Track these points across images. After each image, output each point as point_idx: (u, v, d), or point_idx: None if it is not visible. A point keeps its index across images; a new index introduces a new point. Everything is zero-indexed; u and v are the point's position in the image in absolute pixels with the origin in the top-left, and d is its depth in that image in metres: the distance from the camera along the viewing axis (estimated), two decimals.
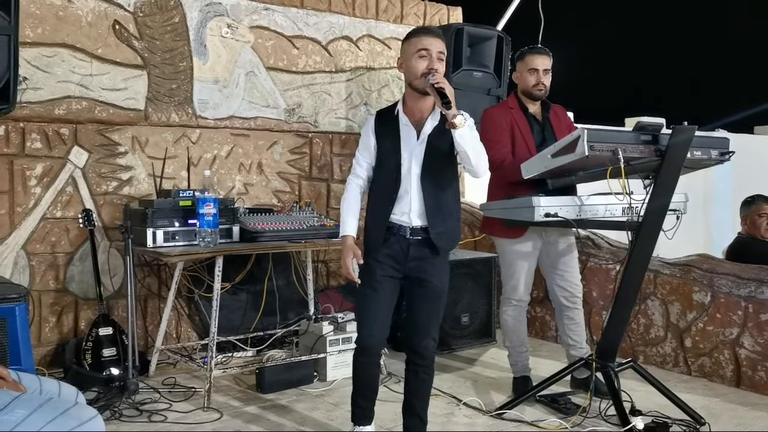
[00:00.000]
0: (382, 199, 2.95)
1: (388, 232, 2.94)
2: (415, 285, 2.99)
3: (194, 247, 3.92)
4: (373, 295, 2.95)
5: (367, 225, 3.02)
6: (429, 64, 2.82)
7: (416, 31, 2.94)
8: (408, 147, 2.91)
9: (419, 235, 2.92)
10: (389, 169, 2.93)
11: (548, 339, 5.21)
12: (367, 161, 3.03)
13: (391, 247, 2.94)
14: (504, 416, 3.61)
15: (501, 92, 5.06)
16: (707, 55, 12.35)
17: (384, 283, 2.95)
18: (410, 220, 2.91)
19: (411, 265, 2.95)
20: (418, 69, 2.83)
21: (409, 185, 2.90)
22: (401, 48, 2.98)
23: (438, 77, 2.78)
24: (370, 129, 3.01)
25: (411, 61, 2.86)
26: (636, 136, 3.26)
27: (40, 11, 4.14)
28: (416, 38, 2.88)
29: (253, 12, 4.92)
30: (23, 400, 2.07)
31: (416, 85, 2.86)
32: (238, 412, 3.67)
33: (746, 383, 4.07)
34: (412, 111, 2.94)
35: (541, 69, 3.81)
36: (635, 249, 3.34)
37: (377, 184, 3.01)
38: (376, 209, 2.97)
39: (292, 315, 4.85)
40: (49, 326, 4.23)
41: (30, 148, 4.16)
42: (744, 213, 4.93)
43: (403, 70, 2.92)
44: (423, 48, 2.83)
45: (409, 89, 2.92)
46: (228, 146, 4.85)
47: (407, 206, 2.91)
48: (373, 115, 3.07)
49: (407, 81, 2.92)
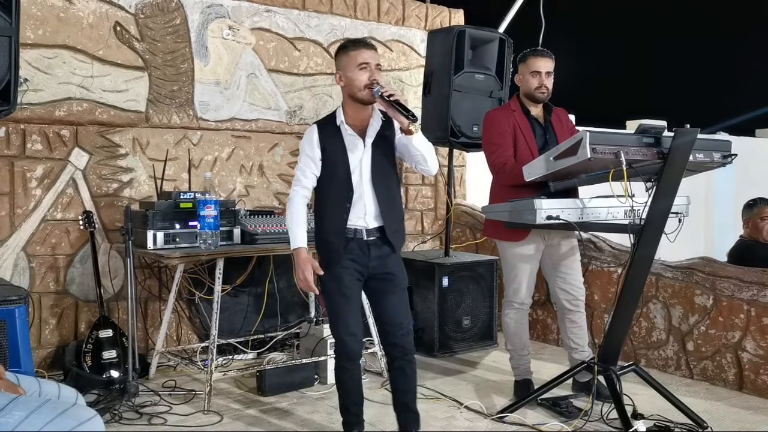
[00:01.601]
0: (336, 207, 3.02)
1: (346, 239, 3.02)
2: (381, 282, 3.09)
3: (195, 249, 3.91)
4: (346, 302, 3.04)
5: (323, 236, 3.07)
6: (370, 75, 2.96)
7: (353, 44, 3.05)
8: (355, 155, 3.03)
9: (375, 235, 3.05)
10: (340, 179, 3.01)
11: (550, 342, 5.20)
12: (313, 172, 3.06)
13: (352, 252, 3.02)
14: (505, 419, 3.60)
15: (503, 95, 5.05)
16: (708, 57, 12.35)
17: (353, 288, 3.05)
18: (366, 223, 3.03)
19: (374, 264, 3.05)
20: (361, 81, 2.96)
21: (362, 191, 3.01)
22: (338, 61, 3.06)
23: (388, 89, 2.94)
24: (314, 141, 3.04)
25: (353, 73, 2.98)
26: (638, 138, 3.24)
27: (41, 13, 4.14)
28: (355, 51, 3.00)
29: (255, 14, 4.92)
30: (21, 402, 2.06)
31: (360, 96, 2.98)
32: (239, 415, 3.66)
33: (749, 387, 4.05)
34: (353, 121, 3.05)
35: (543, 71, 3.80)
36: (637, 252, 3.32)
37: (328, 194, 3.07)
38: (330, 219, 3.04)
39: (293, 317, 4.85)
40: (49, 328, 4.22)
41: (30, 149, 4.15)
42: (746, 216, 4.92)
43: (343, 83, 3.02)
44: (364, 62, 2.97)
45: (349, 100, 3.04)
46: (229, 148, 4.84)
47: (362, 211, 3.02)
48: (311, 127, 3.11)
49: (348, 93, 3.02)
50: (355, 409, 3.14)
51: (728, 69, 12.63)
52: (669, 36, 12.31)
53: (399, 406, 3.14)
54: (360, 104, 3.01)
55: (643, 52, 12.74)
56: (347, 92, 3.03)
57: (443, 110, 4.82)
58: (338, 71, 3.04)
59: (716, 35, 12.25)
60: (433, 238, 5.83)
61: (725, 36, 12.28)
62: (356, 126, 3.05)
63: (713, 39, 12.27)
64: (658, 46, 12.69)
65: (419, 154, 3.02)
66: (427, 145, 3.04)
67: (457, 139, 4.87)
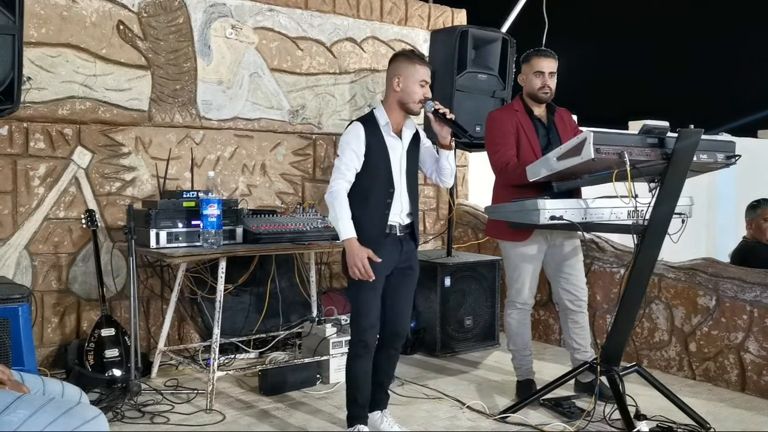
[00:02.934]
0: (379, 203, 3.17)
1: (385, 233, 3.19)
2: (401, 274, 3.28)
3: (197, 249, 3.91)
4: (375, 296, 3.19)
5: (362, 230, 3.13)
6: (425, 92, 3.19)
7: (421, 59, 3.25)
8: (395, 154, 3.21)
9: (406, 231, 3.27)
10: (382, 176, 3.17)
11: (552, 342, 5.20)
12: (355, 167, 3.16)
13: (388, 246, 3.19)
14: (508, 420, 3.60)
15: (505, 95, 5.05)
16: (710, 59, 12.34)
17: (381, 282, 3.20)
18: (401, 219, 3.23)
19: (402, 258, 3.26)
20: (418, 96, 3.18)
21: (400, 189, 3.21)
22: (402, 68, 3.20)
23: (442, 107, 3.21)
24: (361, 137, 3.16)
25: (414, 86, 3.17)
26: (642, 139, 3.24)
27: (44, 11, 4.14)
28: (422, 67, 3.19)
29: (258, 13, 4.92)
30: (25, 400, 2.06)
31: (412, 108, 3.20)
32: (241, 414, 3.66)
33: (751, 388, 4.05)
34: (395, 124, 3.24)
35: (546, 72, 3.80)
36: (640, 252, 3.32)
37: (369, 189, 3.18)
38: (371, 214, 3.16)
39: (295, 317, 4.84)
40: (52, 327, 4.22)
41: (33, 148, 4.15)
42: (749, 217, 4.92)
43: (400, 90, 3.19)
44: (424, 79, 3.18)
45: (396, 106, 3.21)
46: (231, 147, 4.84)
47: (399, 207, 3.22)
48: (355, 124, 3.20)
49: (399, 100, 3.20)
50: (363, 401, 3.24)
51: (730, 70, 12.62)
52: (670, 36, 12.30)
53: (375, 387, 3.29)
54: (405, 112, 3.22)
55: (645, 53, 12.73)
56: (398, 99, 3.19)
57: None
58: (397, 76, 3.18)
59: (719, 36, 12.24)
60: (436, 237, 5.83)
61: (728, 37, 12.28)
62: (395, 129, 3.23)
63: (715, 40, 12.26)
64: (660, 47, 12.68)
65: (449, 168, 3.30)
66: (454, 161, 3.32)
67: (459, 139, 4.85)
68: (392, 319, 3.28)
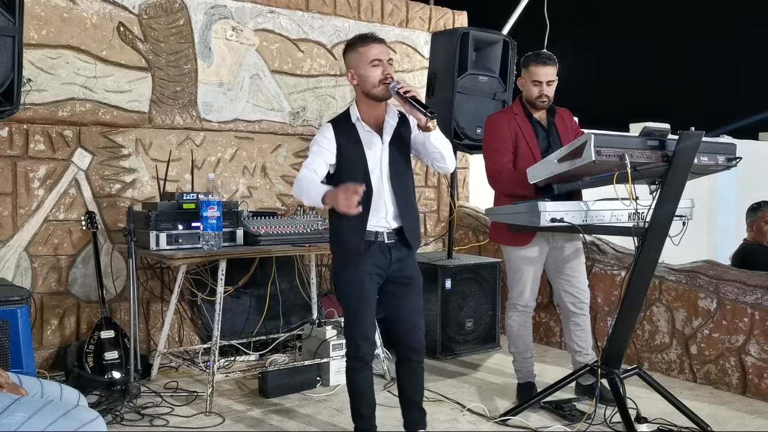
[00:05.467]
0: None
1: (367, 242, 2.95)
2: (400, 285, 3.06)
3: (197, 251, 3.90)
4: (365, 307, 3.00)
5: (341, 236, 2.99)
6: (384, 70, 2.90)
7: (361, 39, 2.97)
8: (373, 152, 2.97)
9: (396, 236, 3.01)
10: (357, 177, 2.87)
11: (553, 345, 5.18)
12: (324, 159, 2.91)
13: (374, 255, 2.97)
14: (508, 422, 3.59)
15: (506, 97, 5.04)
16: (711, 60, 12.34)
17: (372, 292, 3.00)
18: (387, 223, 2.98)
19: (394, 267, 3.02)
20: (375, 78, 2.90)
21: (382, 190, 2.96)
22: (349, 59, 2.98)
23: (405, 85, 2.86)
24: (330, 136, 2.94)
25: (365, 70, 2.91)
26: (643, 141, 3.23)
27: (44, 13, 4.14)
28: (364, 47, 2.93)
29: (258, 15, 4.91)
30: (23, 403, 2.05)
31: (375, 93, 2.92)
32: (241, 417, 3.65)
33: (752, 391, 4.04)
34: (368, 118, 2.99)
35: (544, 81, 3.75)
36: (641, 255, 3.31)
37: None
38: (350, 220, 2.83)
39: (296, 319, 4.84)
40: (51, 329, 4.21)
41: (33, 149, 4.15)
42: (750, 219, 4.91)
43: (356, 81, 2.95)
44: (375, 58, 2.90)
45: (363, 98, 2.97)
46: (232, 149, 4.83)
47: (383, 210, 2.96)
48: (325, 125, 3.02)
49: (362, 90, 2.95)
50: (368, 413, 3.10)
51: (731, 71, 12.62)
52: (671, 37, 12.30)
53: (406, 404, 3.13)
54: (375, 101, 2.96)
55: (645, 54, 12.73)
56: (361, 90, 2.96)
57: (447, 112, 4.80)
58: (349, 69, 2.97)
59: (720, 37, 12.24)
60: (436, 240, 5.83)
61: (728, 37, 12.28)
62: (372, 123, 2.98)
63: (715, 40, 12.26)
64: (662, 49, 12.68)
65: (437, 152, 2.96)
66: (444, 141, 2.98)
67: (460, 141, 4.85)
68: (404, 334, 3.07)
